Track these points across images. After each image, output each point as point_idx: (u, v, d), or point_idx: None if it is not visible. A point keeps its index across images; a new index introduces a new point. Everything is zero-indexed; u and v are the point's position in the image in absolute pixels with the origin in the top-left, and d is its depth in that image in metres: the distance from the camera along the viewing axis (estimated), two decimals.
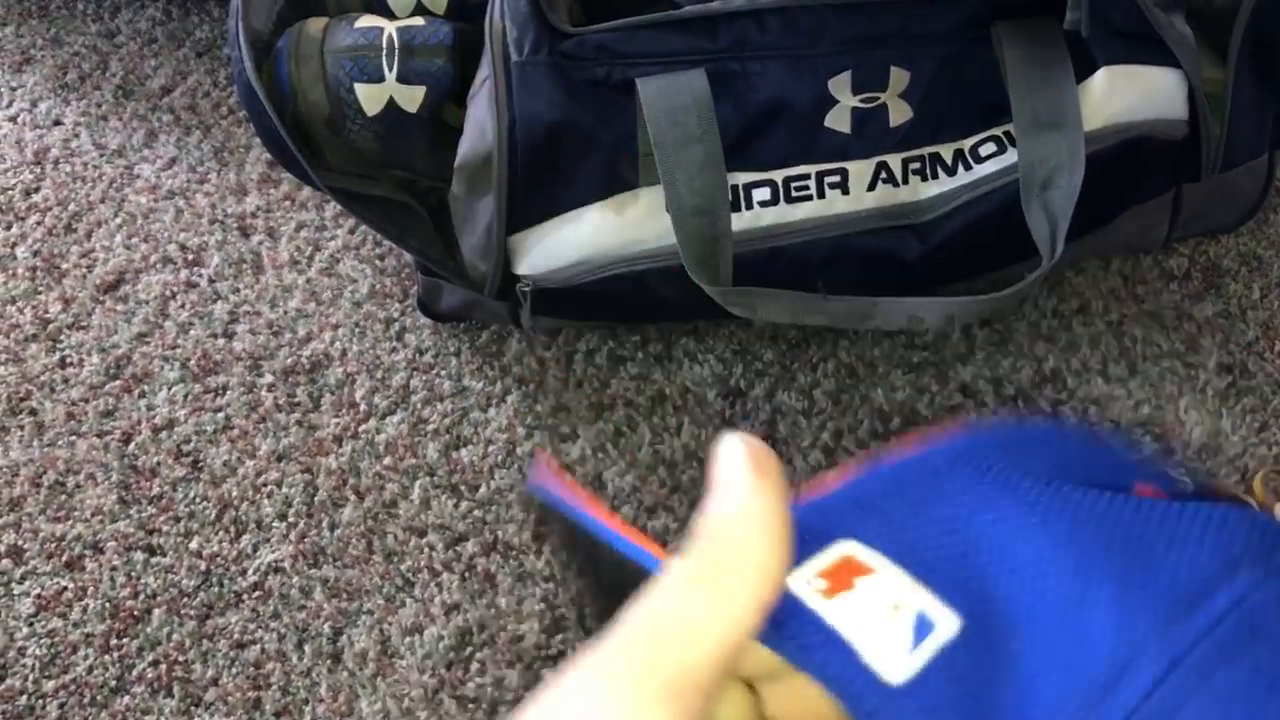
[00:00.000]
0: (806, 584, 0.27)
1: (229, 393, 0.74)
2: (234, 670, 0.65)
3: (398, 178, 0.69)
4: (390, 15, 0.69)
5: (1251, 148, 0.70)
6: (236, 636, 0.66)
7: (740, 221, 0.64)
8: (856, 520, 0.28)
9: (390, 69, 0.64)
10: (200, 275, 0.80)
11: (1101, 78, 0.64)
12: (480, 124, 0.63)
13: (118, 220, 0.83)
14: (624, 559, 0.29)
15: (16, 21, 0.95)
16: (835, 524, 0.29)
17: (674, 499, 0.70)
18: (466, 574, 0.68)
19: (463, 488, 0.71)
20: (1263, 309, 0.71)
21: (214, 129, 0.87)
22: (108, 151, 0.87)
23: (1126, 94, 0.64)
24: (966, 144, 0.65)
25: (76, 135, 0.88)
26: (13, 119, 0.89)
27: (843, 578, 0.27)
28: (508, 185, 0.63)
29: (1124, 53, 0.64)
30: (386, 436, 0.73)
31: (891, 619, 0.26)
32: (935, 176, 0.65)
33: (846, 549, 0.27)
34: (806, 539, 0.28)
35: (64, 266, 0.81)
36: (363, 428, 0.73)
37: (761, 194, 0.63)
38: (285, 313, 0.78)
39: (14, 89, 0.91)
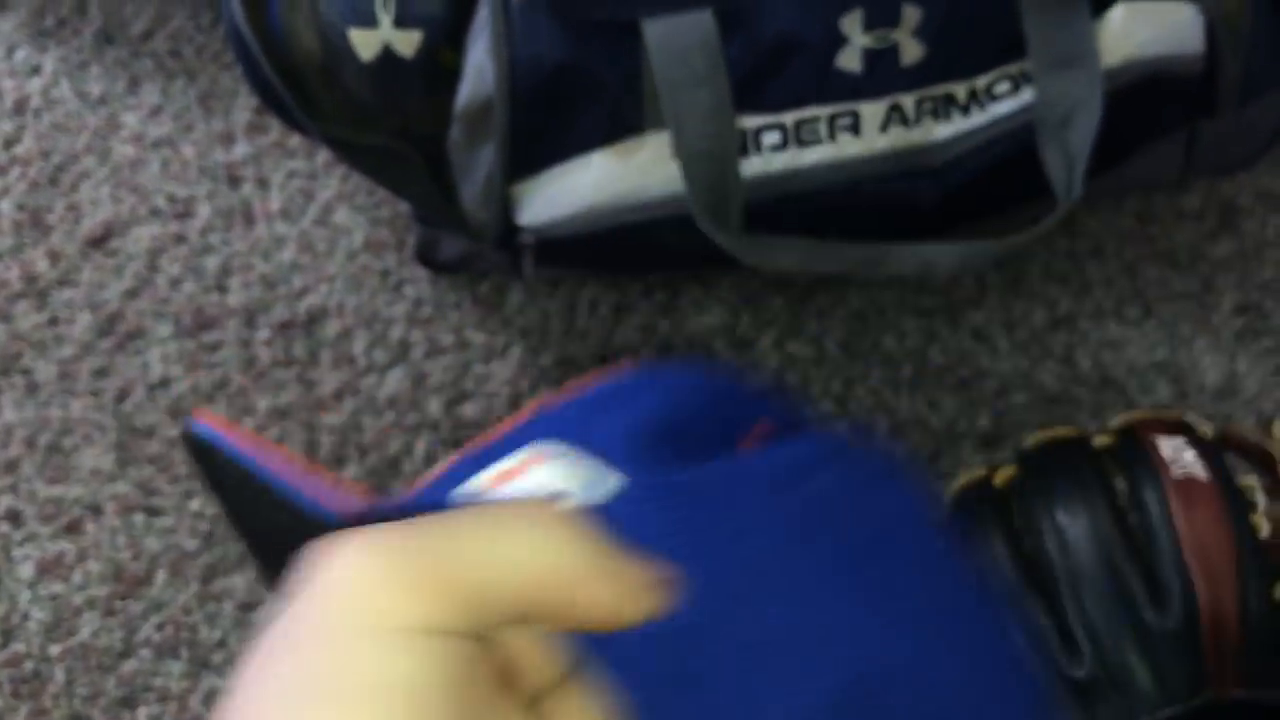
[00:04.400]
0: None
1: (224, 349, 0.73)
2: (240, 632, 0.64)
3: (393, 124, 0.67)
4: None
5: (1269, 81, 0.68)
6: (242, 598, 0.65)
7: (750, 167, 0.62)
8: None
9: (386, 11, 0.62)
10: (190, 227, 0.78)
11: (1119, 12, 0.62)
12: (480, 67, 0.61)
13: (103, 171, 0.80)
14: (292, 506, 0.28)
15: None
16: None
17: None
18: None
19: (467, 442, 0.70)
20: (1279, 247, 0.70)
21: (199, 75, 0.85)
22: (90, 100, 0.84)
23: (1144, 28, 0.63)
24: (980, 82, 0.63)
25: (56, 84, 0.85)
26: None
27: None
28: (509, 131, 0.61)
29: None
30: (387, 392, 0.71)
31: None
32: (949, 117, 0.63)
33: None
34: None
35: (49, 220, 0.79)
36: (362, 382, 0.72)
37: (771, 138, 0.62)
38: (279, 265, 0.76)
39: None
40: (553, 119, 0.61)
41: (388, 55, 0.63)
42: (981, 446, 0.67)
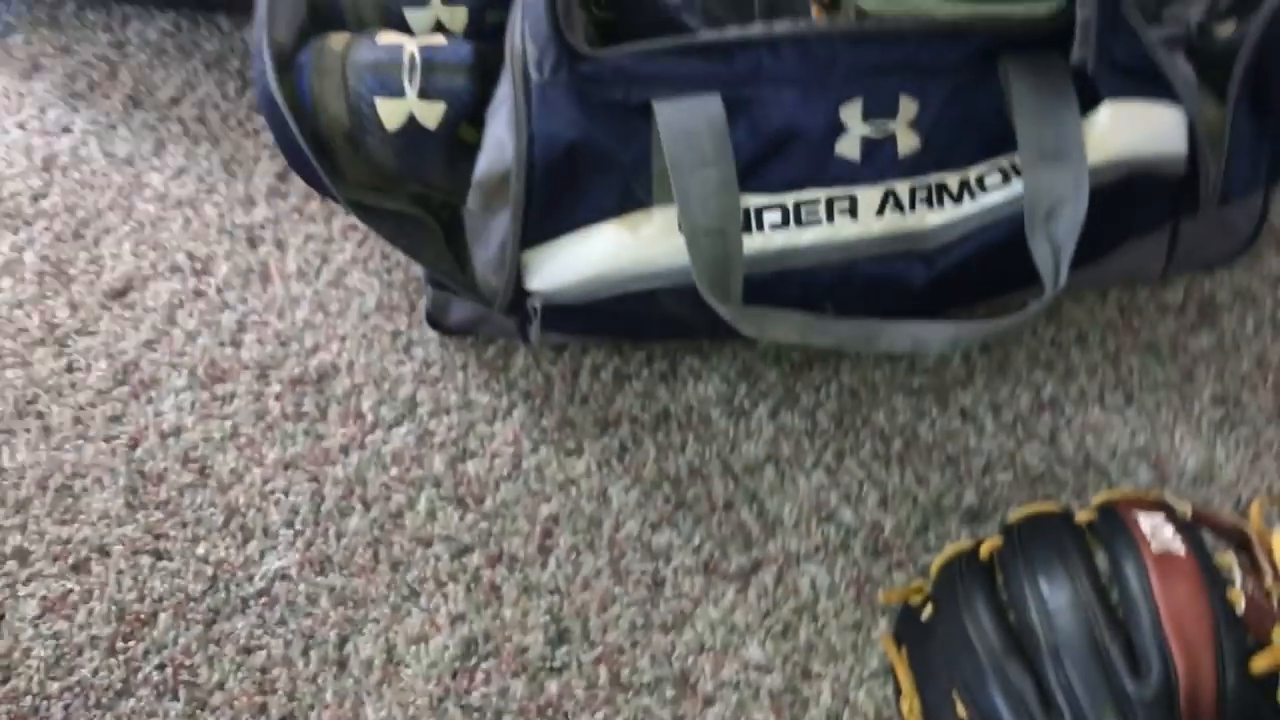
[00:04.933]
0: None
1: (236, 400, 0.75)
2: (240, 675, 0.65)
3: (412, 192, 0.70)
4: (410, 32, 0.70)
5: (1247, 183, 0.72)
6: (243, 641, 0.66)
7: (752, 243, 0.65)
8: None
9: (411, 85, 0.65)
10: (208, 284, 0.80)
11: (1105, 112, 0.65)
12: (499, 141, 0.64)
13: (126, 228, 0.83)
14: None
15: (27, 30, 0.96)
16: None
17: (678, 515, 0.70)
18: (472, 585, 0.69)
19: (469, 500, 0.71)
20: (1256, 342, 0.73)
21: (223, 140, 0.88)
22: (116, 159, 0.87)
23: (1129, 128, 0.66)
24: (972, 173, 0.66)
25: (85, 143, 0.88)
26: (21, 125, 0.89)
27: None
28: (524, 201, 0.64)
29: (1127, 88, 0.66)
30: (393, 447, 0.73)
31: None
32: (941, 204, 0.66)
33: None
34: None
35: (71, 272, 0.81)
36: (369, 438, 0.74)
37: (773, 216, 0.65)
38: (293, 323, 0.78)
39: (23, 96, 0.91)
40: (566, 192, 0.64)
41: (411, 125, 0.66)
42: (967, 521, 0.69)
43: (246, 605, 0.67)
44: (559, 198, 0.64)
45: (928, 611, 0.61)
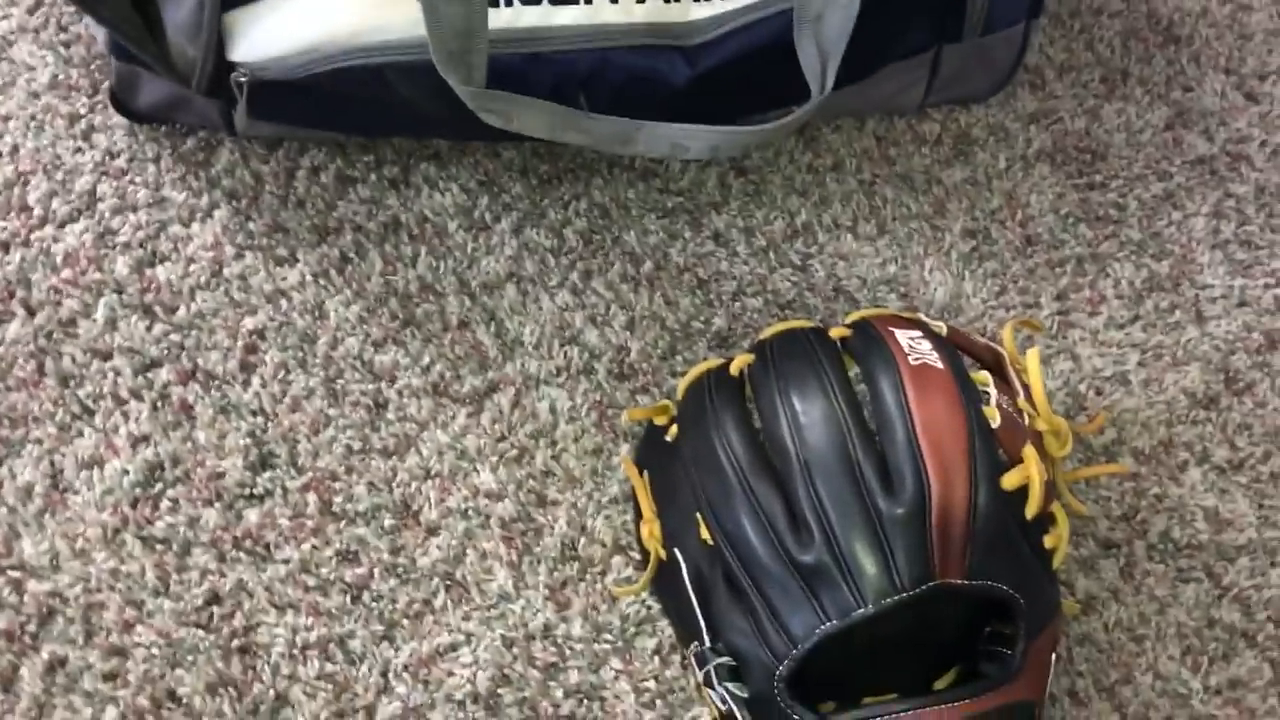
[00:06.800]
0: None
1: None
2: None
3: None
4: None
5: (1010, 14, 0.70)
6: None
7: (498, 18, 0.57)
8: None
9: None
10: None
11: None
12: None
13: None
14: None
15: None
16: None
17: (405, 333, 0.63)
18: (159, 403, 0.59)
19: (158, 308, 0.62)
20: (1007, 179, 0.72)
21: None
22: None
23: None
24: None
25: None
26: None
27: None
28: None
29: None
30: (66, 246, 0.62)
31: None
32: None
33: None
34: None
35: None
36: (36, 235, 0.62)
37: None
38: None
39: None
40: None
41: None
42: (716, 345, 0.65)
43: None
44: None
45: (673, 432, 0.57)
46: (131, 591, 0.55)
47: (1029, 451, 0.51)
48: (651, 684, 0.57)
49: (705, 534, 0.53)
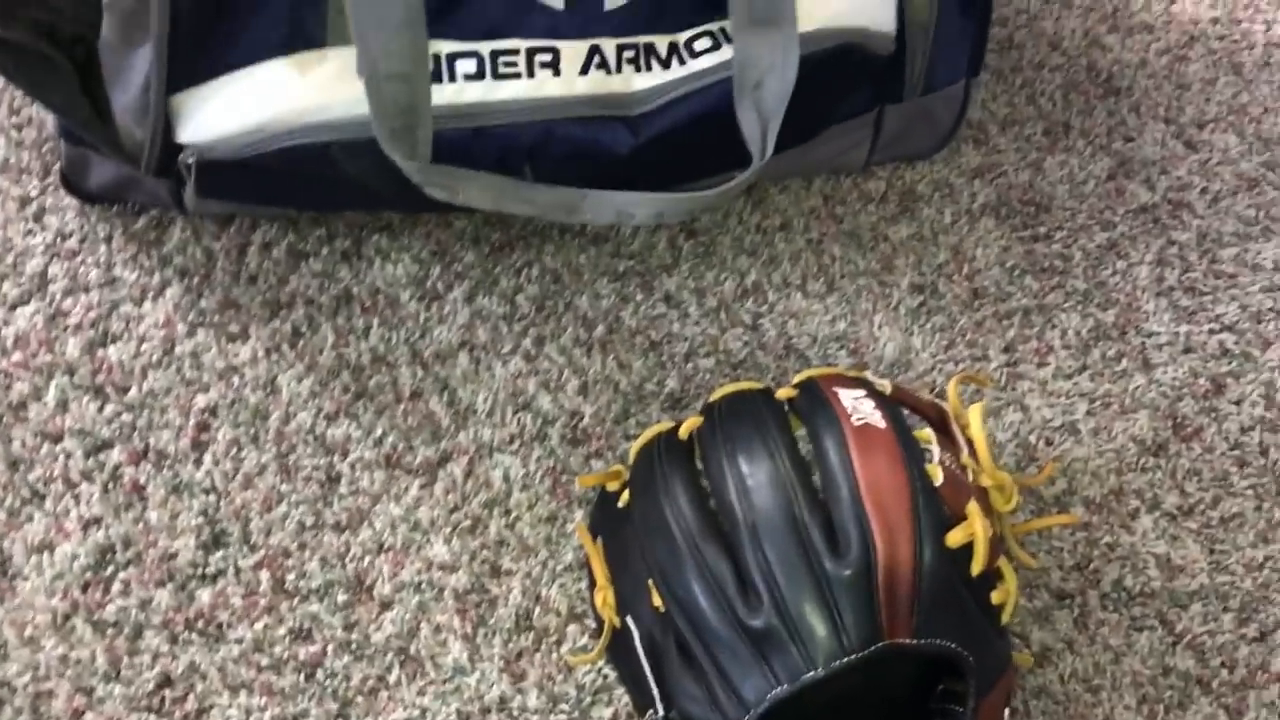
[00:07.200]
0: None
1: None
2: None
3: (36, 20, 0.59)
4: None
5: (950, 73, 0.71)
6: None
7: (441, 95, 0.58)
8: None
9: None
10: None
11: None
12: None
13: None
14: None
15: None
16: None
17: (358, 405, 0.63)
18: (110, 485, 0.59)
19: (109, 389, 0.62)
20: (953, 234, 0.73)
21: None
22: None
23: None
24: (681, 37, 0.62)
25: None
26: None
27: None
28: (170, 31, 0.55)
29: None
30: (16, 329, 0.62)
31: None
32: (650, 68, 0.62)
33: None
34: None
35: None
36: None
37: (466, 66, 0.58)
38: None
39: None
40: (222, 22, 0.55)
41: None
42: (669, 407, 0.65)
43: None
44: (213, 28, 0.55)
45: (625, 498, 0.57)
46: (81, 678, 0.55)
47: (973, 508, 0.52)
48: None
49: (657, 600, 0.53)
